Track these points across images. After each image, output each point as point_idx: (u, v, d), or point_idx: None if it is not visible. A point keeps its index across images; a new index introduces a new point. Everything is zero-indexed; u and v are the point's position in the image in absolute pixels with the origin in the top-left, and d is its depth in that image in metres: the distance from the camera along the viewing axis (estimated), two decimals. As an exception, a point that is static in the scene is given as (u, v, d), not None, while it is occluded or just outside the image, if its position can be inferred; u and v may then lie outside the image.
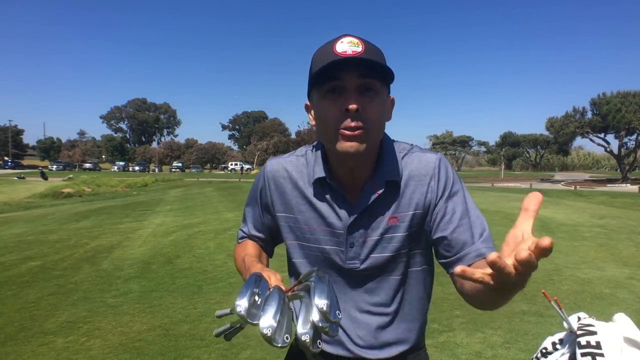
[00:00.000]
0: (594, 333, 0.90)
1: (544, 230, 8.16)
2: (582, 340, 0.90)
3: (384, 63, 0.88)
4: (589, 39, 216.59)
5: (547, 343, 1.02)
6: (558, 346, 0.99)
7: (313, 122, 0.96)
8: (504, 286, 0.61)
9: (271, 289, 0.75)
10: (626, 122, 29.23)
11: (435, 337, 3.24)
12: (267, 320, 0.68)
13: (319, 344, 0.72)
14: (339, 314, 0.73)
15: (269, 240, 1.13)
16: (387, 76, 0.89)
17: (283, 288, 0.78)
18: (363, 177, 0.96)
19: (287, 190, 1.01)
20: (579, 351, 0.89)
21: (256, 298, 0.72)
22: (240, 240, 1.15)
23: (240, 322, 0.88)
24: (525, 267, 0.56)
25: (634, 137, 32.70)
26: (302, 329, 0.71)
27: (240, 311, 0.69)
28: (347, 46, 0.85)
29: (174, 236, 7.76)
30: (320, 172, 0.96)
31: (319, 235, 0.98)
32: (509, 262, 0.57)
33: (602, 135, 33.13)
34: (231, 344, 3.15)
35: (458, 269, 0.61)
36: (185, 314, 3.80)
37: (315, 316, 0.71)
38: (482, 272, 0.61)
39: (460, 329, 3.43)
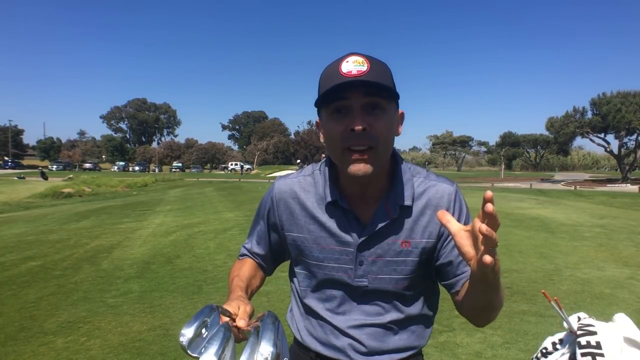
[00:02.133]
0: (594, 333, 0.90)
1: (544, 231, 8.17)
2: (582, 340, 0.90)
3: (389, 81, 0.89)
4: (589, 39, 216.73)
5: (547, 343, 1.02)
6: (558, 346, 0.99)
7: (323, 140, 0.97)
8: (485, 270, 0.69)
9: (221, 325, 0.73)
10: (626, 122, 29.21)
11: (435, 337, 3.24)
12: (208, 356, 0.66)
13: None
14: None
15: (270, 259, 1.14)
16: (393, 92, 0.89)
17: (244, 323, 0.78)
18: (375, 195, 0.97)
19: (296, 210, 1.02)
20: (579, 351, 0.89)
21: (203, 330, 0.72)
22: (240, 257, 1.16)
23: None
24: (491, 221, 0.65)
25: (634, 137, 32.67)
26: None
27: (182, 341, 0.69)
28: (352, 66, 0.86)
29: (174, 236, 7.76)
30: (332, 196, 0.97)
31: (328, 254, 0.99)
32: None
33: (602, 135, 33.10)
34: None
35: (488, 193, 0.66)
36: (185, 314, 3.80)
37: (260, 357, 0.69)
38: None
39: (460, 329, 3.43)
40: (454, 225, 0.74)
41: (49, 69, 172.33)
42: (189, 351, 0.69)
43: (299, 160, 31.33)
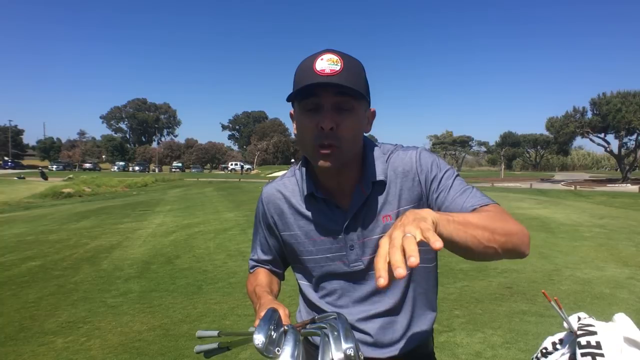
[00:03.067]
0: (594, 333, 0.90)
1: (544, 230, 8.17)
2: (582, 340, 0.90)
3: (361, 82, 0.91)
4: (589, 39, 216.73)
5: (547, 343, 1.02)
6: (558, 346, 0.99)
7: (295, 132, 1.00)
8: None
9: (287, 327, 0.80)
10: (626, 122, 29.20)
11: (436, 337, 3.22)
12: (287, 357, 0.73)
13: None
14: (361, 355, 0.78)
15: (279, 263, 1.16)
16: (364, 95, 0.92)
17: (296, 325, 0.84)
18: (351, 182, 1.00)
19: (284, 209, 1.07)
20: (579, 351, 0.89)
21: (272, 334, 0.77)
22: (251, 270, 1.19)
23: (228, 345, 0.96)
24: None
25: (634, 137, 32.64)
26: None
27: (259, 344, 0.74)
28: (326, 64, 0.88)
29: (174, 236, 7.76)
30: (308, 188, 1.02)
31: (321, 246, 1.02)
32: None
33: (602, 135, 33.10)
34: (231, 344, 3.15)
35: None
36: (185, 314, 3.80)
37: (337, 356, 0.75)
38: None
39: (460, 329, 3.43)
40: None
41: (49, 69, 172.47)
42: (265, 354, 0.74)
43: (292, 160, 31.59)
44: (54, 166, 60.38)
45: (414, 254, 0.59)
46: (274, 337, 0.77)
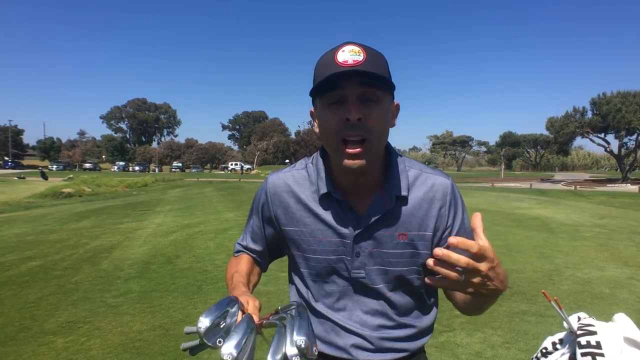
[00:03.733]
0: (594, 333, 0.90)
1: (544, 231, 8.17)
2: (582, 340, 0.90)
3: (385, 71, 0.89)
4: (589, 39, 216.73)
5: (547, 343, 1.02)
6: (558, 346, 0.99)
7: (317, 130, 0.97)
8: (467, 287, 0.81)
9: (242, 316, 0.75)
10: (626, 122, 29.20)
11: (435, 337, 3.24)
12: (229, 347, 0.67)
13: None
14: (315, 351, 0.74)
15: (266, 255, 1.13)
16: (389, 83, 0.88)
17: (255, 318, 0.79)
18: (369, 186, 0.97)
19: (290, 204, 1.02)
20: (579, 351, 0.89)
21: (221, 322, 0.73)
22: (236, 254, 1.16)
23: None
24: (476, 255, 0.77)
25: (634, 137, 32.65)
26: (272, 358, 0.71)
27: (200, 328, 0.70)
28: (348, 55, 0.85)
29: (174, 236, 7.76)
30: (324, 187, 0.97)
31: (325, 247, 0.99)
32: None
33: (602, 135, 33.09)
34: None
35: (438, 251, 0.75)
36: (185, 314, 3.80)
37: (290, 350, 0.71)
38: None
39: (460, 329, 3.43)
40: (480, 238, 0.80)
41: (49, 69, 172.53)
42: (204, 339, 0.70)
43: (287, 161, 31.64)
44: (54, 166, 60.39)
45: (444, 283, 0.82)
46: (222, 325, 0.72)
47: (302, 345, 0.71)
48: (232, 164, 70.12)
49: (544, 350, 1.01)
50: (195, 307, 3.99)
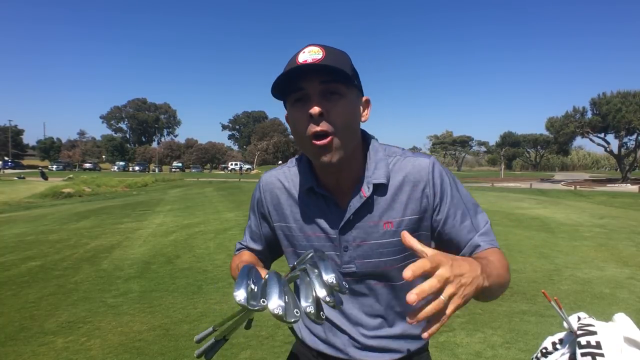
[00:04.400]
0: (594, 333, 0.90)
1: (544, 230, 8.17)
2: (582, 340, 0.90)
3: (345, 66, 0.88)
4: (589, 39, 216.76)
5: (547, 343, 1.02)
6: (558, 346, 0.99)
7: (292, 133, 0.98)
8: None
9: (266, 275, 0.77)
10: (626, 122, 29.19)
11: (435, 337, 3.24)
12: (275, 301, 0.70)
13: (322, 315, 0.75)
14: (346, 285, 0.77)
15: (266, 253, 1.14)
16: (350, 79, 0.88)
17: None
18: (351, 181, 0.97)
19: (281, 200, 1.04)
20: (579, 351, 0.89)
21: (252, 287, 0.74)
22: (236, 252, 1.18)
23: (225, 334, 0.92)
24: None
25: (634, 137, 32.64)
26: (305, 302, 0.73)
27: (240, 300, 0.70)
28: (307, 55, 0.87)
29: (174, 236, 7.76)
30: (308, 182, 0.99)
31: (315, 242, 0.99)
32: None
33: (602, 135, 33.09)
34: (231, 344, 3.14)
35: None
36: (185, 314, 3.80)
37: (321, 292, 0.73)
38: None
39: (460, 329, 3.43)
40: (416, 245, 0.74)
41: (49, 69, 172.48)
42: (249, 307, 0.71)
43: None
44: (54, 166, 60.44)
45: (445, 319, 0.67)
46: (255, 290, 0.73)
47: (334, 282, 0.73)
48: (232, 164, 70.16)
49: (544, 350, 1.01)
50: (195, 307, 3.99)
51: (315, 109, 0.85)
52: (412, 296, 0.63)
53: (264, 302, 0.71)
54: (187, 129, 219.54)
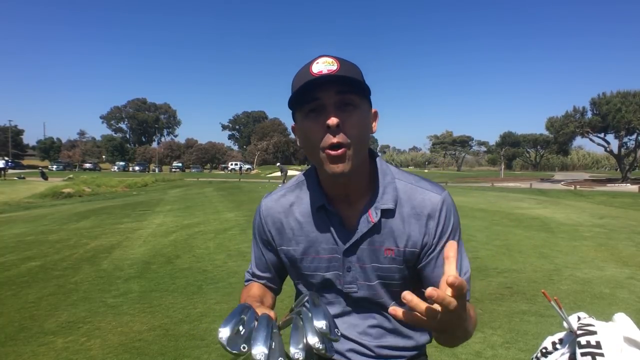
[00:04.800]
0: (594, 333, 0.90)
1: (543, 230, 8.17)
2: (582, 340, 0.90)
3: (360, 77, 0.90)
4: (589, 38, 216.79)
5: (547, 343, 1.02)
6: (558, 346, 0.99)
7: (299, 144, 0.97)
8: (443, 324, 0.69)
9: (260, 317, 0.75)
10: (626, 122, 29.17)
11: (435, 337, 3.24)
12: (258, 348, 0.68)
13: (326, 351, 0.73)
14: (337, 332, 0.75)
15: (275, 278, 1.13)
16: (364, 90, 0.90)
17: (272, 316, 0.79)
18: (359, 196, 0.97)
19: (283, 223, 1.03)
20: (579, 351, 0.89)
21: (240, 328, 0.72)
22: (246, 284, 1.16)
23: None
24: (456, 291, 0.64)
25: (634, 136, 32.62)
26: (294, 349, 0.72)
27: (222, 338, 0.69)
28: (322, 66, 0.87)
29: (174, 236, 7.76)
30: (319, 200, 0.98)
31: (318, 263, 1.00)
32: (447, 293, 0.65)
33: (602, 135, 33.08)
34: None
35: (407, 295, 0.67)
36: (185, 314, 3.80)
37: (312, 339, 0.72)
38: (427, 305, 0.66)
39: (460, 328, 3.43)
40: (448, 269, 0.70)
41: (49, 69, 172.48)
42: (228, 348, 0.69)
43: (278, 164, 31.54)
44: (54, 166, 60.41)
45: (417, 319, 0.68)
46: (242, 332, 0.72)
47: (324, 329, 0.72)
48: (232, 164, 70.10)
49: (543, 350, 1.01)
50: (195, 307, 3.99)
51: (334, 120, 0.85)
52: (430, 290, 0.64)
53: (244, 348, 0.69)
54: (187, 129, 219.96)
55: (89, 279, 4.98)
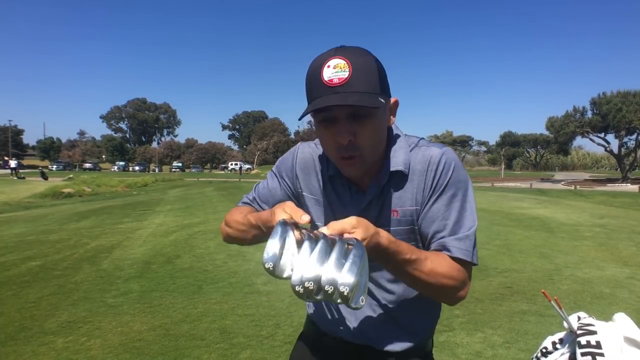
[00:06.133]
0: (594, 333, 0.90)
1: (544, 230, 8.16)
2: (582, 340, 0.90)
3: (374, 83, 0.86)
4: (589, 38, 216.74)
5: (547, 343, 1.02)
6: (558, 346, 0.99)
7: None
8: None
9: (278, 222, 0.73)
10: (626, 121, 29.19)
11: (435, 337, 3.22)
12: (264, 255, 0.68)
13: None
14: (362, 301, 0.67)
15: None
16: (378, 102, 0.87)
17: (295, 214, 0.79)
18: (373, 172, 0.99)
19: (312, 175, 1.06)
20: (579, 351, 0.89)
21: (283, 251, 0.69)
22: (239, 204, 1.15)
23: None
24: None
25: (634, 136, 32.66)
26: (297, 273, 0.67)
27: (269, 268, 0.68)
28: (332, 72, 0.84)
29: (174, 236, 7.76)
30: (331, 170, 1.01)
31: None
32: None
33: (602, 134, 33.09)
34: (231, 344, 3.14)
35: None
36: (185, 314, 3.80)
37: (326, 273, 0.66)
38: None
39: (460, 328, 3.43)
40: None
41: (49, 69, 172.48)
42: (277, 274, 0.69)
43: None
44: (54, 166, 60.37)
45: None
46: (284, 254, 0.68)
47: (346, 292, 0.63)
48: (232, 164, 70.10)
49: (544, 350, 1.01)
50: (195, 307, 3.99)
51: (345, 139, 0.86)
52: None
53: (292, 270, 0.66)
54: (187, 129, 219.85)
55: (89, 279, 4.98)
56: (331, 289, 0.63)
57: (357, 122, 0.86)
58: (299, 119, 0.93)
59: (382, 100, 0.88)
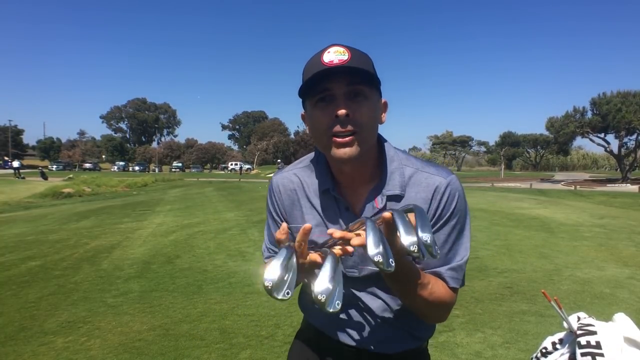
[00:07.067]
0: (594, 333, 0.90)
1: (544, 230, 8.16)
2: (582, 340, 0.90)
3: (370, 68, 0.91)
4: (589, 38, 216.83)
5: (547, 343, 1.02)
6: (558, 346, 0.99)
7: (308, 132, 0.99)
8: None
9: (327, 256, 0.77)
10: (626, 122, 29.17)
11: (435, 337, 3.24)
12: (322, 284, 0.71)
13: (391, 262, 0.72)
14: (392, 262, 0.73)
15: None
16: (374, 81, 0.91)
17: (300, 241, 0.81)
18: (365, 182, 0.98)
19: (294, 201, 1.04)
20: (579, 351, 0.89)
21: (285, 274, 0.74)
22: (266, 260, 1.16)
23: None
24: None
25: (634, 137, 32.63)
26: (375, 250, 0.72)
27: (268, 285, 0.71)
28: (333, 55, 0.88)
29: (174, 236, 7.76)
30: (325, 184, 0.99)
31: (323, 246, 1.00)
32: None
33: (602, 135, 33.07)
34: (231, 344, 3.14)
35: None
36: (185, 314, 3.80)
37: (407, 240, 0.71)
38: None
39: (460, 329, 3.43)
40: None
41: (49, 68, 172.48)
42: (274, 294, 0.72)
43: (279, 160, 31.55)
44: (54, 166, 60.31)
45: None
46: (286, 278, 0.74)
47: (428, 241, 0.71)
48: (232, 164, 70.07)
49: (543, 350, 1.01)
50: (195, 307, 3.99)
51: (343, 111, 0.87)
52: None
53: (288, 294, 0.72)
54: (187, 129, 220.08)
55: (89, 279, 4.98)
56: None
57: (354, 102, 0.88)
58: (299, 95, 0.94)
59: (377, 89, 0.93)
